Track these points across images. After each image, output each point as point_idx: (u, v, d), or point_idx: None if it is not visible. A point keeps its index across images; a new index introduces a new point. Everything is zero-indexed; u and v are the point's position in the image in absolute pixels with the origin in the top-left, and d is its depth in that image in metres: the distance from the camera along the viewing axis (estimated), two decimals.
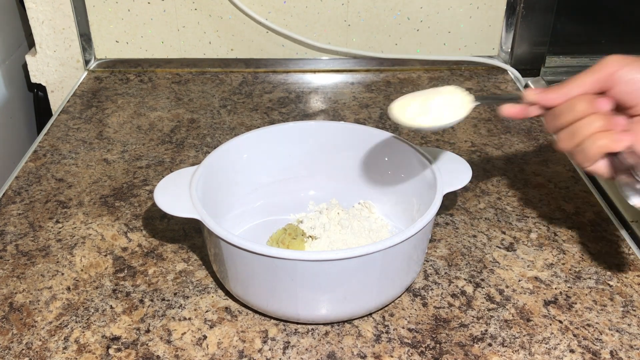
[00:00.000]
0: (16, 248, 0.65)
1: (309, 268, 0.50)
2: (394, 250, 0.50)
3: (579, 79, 0.48)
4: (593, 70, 0.47)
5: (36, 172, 0.78)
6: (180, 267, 0.62)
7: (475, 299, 0.58)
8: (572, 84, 0.48)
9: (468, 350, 0.53)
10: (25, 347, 0.53)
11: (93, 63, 1.05)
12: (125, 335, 0.54)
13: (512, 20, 1.03)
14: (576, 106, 0.48)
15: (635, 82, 0.45)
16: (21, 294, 0.59)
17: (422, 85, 1.01)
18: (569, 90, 0.48)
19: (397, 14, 1.02)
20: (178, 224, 0.68)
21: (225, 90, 0.99)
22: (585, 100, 0.47)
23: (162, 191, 0.56)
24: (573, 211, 0.70)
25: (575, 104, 0.48)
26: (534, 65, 1.06)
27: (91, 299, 0.58)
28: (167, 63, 1.05)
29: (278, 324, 0.56)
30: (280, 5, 1.01)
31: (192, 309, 0.57)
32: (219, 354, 0.53)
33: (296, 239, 0.62)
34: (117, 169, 0.78)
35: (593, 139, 0.47)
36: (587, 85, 0.48)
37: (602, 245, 0.65)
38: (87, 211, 0.70)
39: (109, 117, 0.91)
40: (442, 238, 0.66)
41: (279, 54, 1.05)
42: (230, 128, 0.88)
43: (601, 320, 0.56)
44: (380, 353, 0.53)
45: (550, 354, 0.53)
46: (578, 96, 0.48)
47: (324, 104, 0.95)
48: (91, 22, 1.01)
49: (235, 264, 0.53)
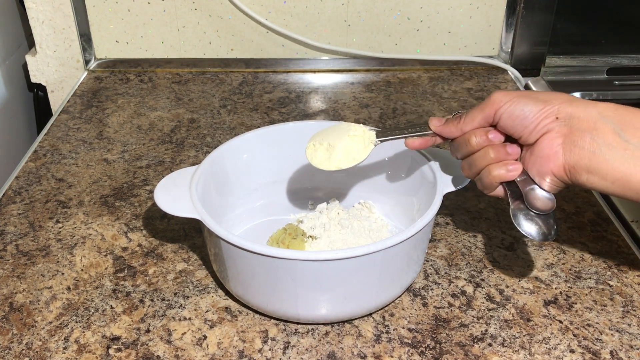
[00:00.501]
0: (16, 248, 0.65)
1: (309, 268, 0.50)
2: (394, 250, 0.50)
3: (470, 115, 0.52)
4: (482, 107, 0.51)
5: (36, 172, 0.78)
6: (180, 267, 0.62)
7: (475, 298, 0.58)
8: (466, 119, 0.52)
9: (468, 350, 0.53)
10: (25, 347, 0.53)
11: (93, 63, 1.05)
12: (125, 335, 0.54)
13: (512, 20, 1.03)
14: (470, 140, 0.52)
15: (514, 117, 0.50)
16: (21, 294, 0.59)
17: (422, 85, 1.01)
18: (463, 126, 0.53)
19: (397, 14, 1.02)
20: (178, 224, 0.68)
21: (225, 90, 0.99)
22: (478, 134, 0.52)
23: (162, 191, 0.56)
24: (573, 211, 0.70)
25: (470, 138, 0.52)
26: (534, 65, 1.06)
27: (91, 299, 0.58)
28: (167, 63, 1.05)
29: (278, 324, 0.56)
30: (280, 5, 1.01)
31: (192, 309, 0.57)
32: (219, 354, 0.53)
33: (296, 239, 0.62)
34: (117, 169, 0.78)
35: (488, 169, 0.51)
36: (477, 121, 0.52)
37: (602, 245, 0.65)
38: (87, 211, 0.70)
39: (109, 117, 0.91)
40: (442, 238, 0.66)
41: (279, 54, 1.05)
42: (230, 128, 0.88)
43: (601, 320, 0.56)
44: (380, 353, 0.53)
45: (550, 354, 0.53)
46: (472, 131, 0.52)
47: (324, 104, 0.95)
48: (91, 22, 1.01)
49: (235, 264, 0.53)
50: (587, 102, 0.49)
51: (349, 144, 0.54)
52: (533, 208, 0.51)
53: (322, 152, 0.54)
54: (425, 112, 0.93)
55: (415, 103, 0.95)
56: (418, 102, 0.96)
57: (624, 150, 0.46)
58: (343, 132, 0.54)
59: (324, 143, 0.54)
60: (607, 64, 1.06)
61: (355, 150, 0.55)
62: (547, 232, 0.51)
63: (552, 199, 0.51)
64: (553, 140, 0.49)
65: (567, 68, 1.06)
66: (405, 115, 0.91)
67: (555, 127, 0.49)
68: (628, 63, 1.06)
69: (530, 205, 0.51)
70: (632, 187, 0.47)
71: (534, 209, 0.51)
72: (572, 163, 0.48)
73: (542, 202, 0.51)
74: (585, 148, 0.47)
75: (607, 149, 0.47)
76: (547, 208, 0.51)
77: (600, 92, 1.03)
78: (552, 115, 0.49)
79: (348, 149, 0.54)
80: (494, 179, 0.51)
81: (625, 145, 0.46)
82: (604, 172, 0.47)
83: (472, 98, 0.97)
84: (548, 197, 0.51)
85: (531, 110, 0.49)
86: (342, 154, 0.54)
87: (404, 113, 0.92)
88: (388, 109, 0.94)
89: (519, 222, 0.51)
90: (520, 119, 0.50)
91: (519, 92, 0.51)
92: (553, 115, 0.49)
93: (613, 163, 0.46)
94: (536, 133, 0.49)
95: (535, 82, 1.04)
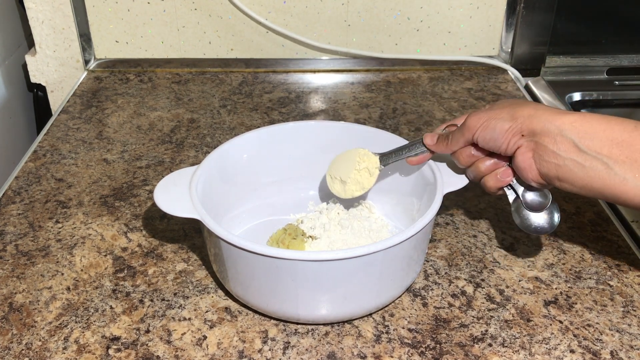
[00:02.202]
0: (16, 248, 0.65)
1: (309, 268, 0.50)
2: (394, 250, 0.50)
3: (455, 137, 0.57)
4: (462, 131, 0.56)
5: (36, 172, 0.78)
6: (180, 267, 0.62)
7: (475, 299, 0.58)
8: (452, 141, 0.58)
9: (468, 351, 0.53)
10: (25, 347, 0.53)
11: (93, 63, 1.05)
12: (125, 335, 0.54)
13: (512, 20, 1.03)
14: (459, 158, 0.58)
15: (487, 140, 0.54)
16: (21, 294, 0.59)
17: (422, 85, 1.01)
18: (451, 146, 0.58)
19: (397, 14, 1.02)
20: (178, 224, 0.68)
21: (225, 90, 0.99)
22: (464, 153, 0.58)
23: (162, 191, 0.56)
24: (573, 211, 0.70)
25: (458, 156, 0.58)
26: (534, 65, 1.06)
27: (91, 299, 0.58)
28: (167, 63, 1.05)
29: (278, 324, 0.56)
30: (280, 5, 1.01)
31: (192, 309, 0.57)
32: (219, 354, 0.53)
33: (296, 239, 0.62)
34: (117, 169, 0.78)
35: (484, 181, 0.58)
36: (461, 143, 0.57)
37: (602, 245, 0.65)
38: (87, 211, 0.70)
39: (109, 117, 0.91)
40: (442, 238, 0.66)
41: (279, 54, 1.05)
42: (230, 128, 0.88)
43: (601, 320, 0.56)
44: (380, 353, 0.53)
45: (550, 354, 0.53)
46: (459, 150, 0.58)
47: (324, 104, 0.95)
48: (91, 22, 1.01)
49: (235, 264, 0.53)
50: (548, 116, 0.52)
51: (357, 176, 0.62)
52: (528, 207, 0.57)
53: (337, 184, 0.63)
54: (425, 112, 0.93)
55: (415, 103, 0.95)
56: (418, 102, 0.96)
57: (583, 160, 0.50)
58: (351, 166, 0.62)
59: (337, 177, 0.63)
60: (607, 64, 1.06)
61: (364, 180, 0.62)
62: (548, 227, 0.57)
63: (546, 196, 0.57)
64: (525, 155, 0.53)
65: (567, 68, 1.06)
66: (405, 115, 0.91)
67: (523, 142, 0.53)
68: (628, 63, 1.06)
69: (526, 205, 0.57)
70: (596, 192, 0.51)
71: (529, 208, 0.57)
72: (544, 173, 0.53)
73: (535, 201, 0.57)
74: (551, 161, 0.52)
75: (569, 161, 0.51)
76: (542, 206, 0.57)
77: (600, 92, 1.03)
78: (518, 133, 0.53)
79: (357, 180, 0.62)
80: (490, 188, 0.58)
81: (584, 156, 0.50)
82: (571, 180, 0.51)
83: (472, 98, 0.97)
84: (540, 196, 0.57)
85: (500, 132, 0.53)
86: (353, 186, 0.62)
87: (404, 113, 0.92)
88: (388, 109, 0.94)
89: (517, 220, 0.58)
90: (493, 141, 0.54)
91: (489, 114, 0.54)
92: (519, 133, 0.53)
93: (577, 173, 0.51)
94: (510, 149, 0.54)
95: (535, 82, 1.04)
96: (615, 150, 0.49)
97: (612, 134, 0.49)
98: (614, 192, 0.49)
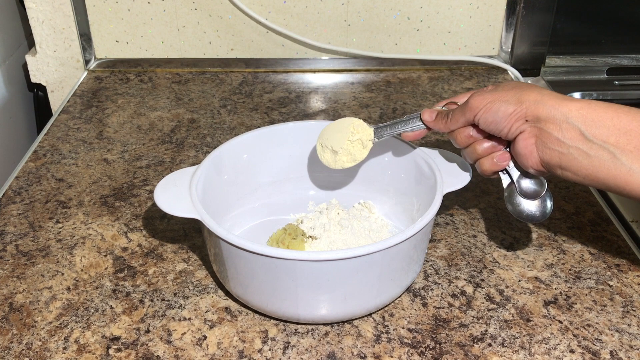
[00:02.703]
0: (16, 248, 0.65)
1: (309, 268, 0.50)
2: (394, 250, 0.50)
3: (455, 116, 0.56)
4: (463, 110, 0.55)
5: (36, 172, 0.78)
6: (180, 267, 0.62)
7: (475, 299, 0.58)
8: (451, 119, 0.56)
9: (468, 351, 0.53)
10: (25, 347, 0.53)
11: (93, 63, 1.05)
12: (125, 335, 0.54)
13: (512, 20, 1.03)
14: (457, 138, 0.57)
15: (489, 122, 0.53)
16: (21, 294, 0.59)
17: (422, 85, 1.01)
18: (450, 125, 0.57)
19: (397, 14, 1.02)
20: (178, 224, 0.68)
21: (225, 90, 0.99)
22: (462, 133, 0.56)
23: (162, 191, 0.56)
24: (573, 211, 0.70)
25: (456, 136, 0.57)
26: (534, 65, 1.06)
27: (91, 299, 0.58)
28: (167, 63, 1.05)
29: (278, 324, 0.56)
30: (280, 5, 1.01)
31: (192, 309, 0.57)
32: (219, 354, 0.53)
33: (296, 239, 0.62)
34: (117, 169, 0.78)
35: (479, 163, 0.57)
36: (460, 123, 0.56)
37: (602, 245, 0.65)
38: (87, 211, 0.70)
39: (109, 117, 0.91)
40: (442, 238, 0.66)
41: (279, 54, 1.05)
42: (230, 128, 0.88)
43: (601, 320, 0.56)
44: (380, 353, 0.53)
45: (550, 354, 0.53)
46: (457, 130, 0.57)
47: (324, 104, 0.95)
48: (91, 22, 1.01)
49: (235, 264, 0.53)
50: (554, 102, 0.50)
51: (349, 147, 0.60)
52: (523, 194, 0.56)
53: (328, 154, 0.61)
54: None
55: (415, 103, 0.95)
56: (418, 102, 0.96)
57: (589, 149, 0.49)
58: (344, 137, 0.60)
59: (329, 146, 0.61)
60: (607, 64, 1.06)
61: (356, 152, 0.60)
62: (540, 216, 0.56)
63: (541, 184, 0.56)
64: (527, 140, 0.52)
65: (567, 68, 1.06)
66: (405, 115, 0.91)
67: (526, 128, 0.52)
68: (628, 63, 1.06)
69: (520, 191, 0.56)
70: (600, 182, 0.50)
71: (523, 195, 0.56)
72: (546, 160, 0.52)
73: (530, 188, 0.56)
74: (555, 149, 0.50)
75: (574, 149, 0.50)
76: (536, 194, 0.56)
77: (600, 92, 1.03)
78: (522, 118, 0.52)
79: (349, 151, 0.60)
80: (485, 172, 0.57)
81: (589, 145, 0.49)
82: (574, 169, 0.50)
83: None
84: (536, 183, 0.56)
85: (503, 115, 0.52)
86: (344, 157, 0.60)
87: (404, 113, 0.92)
88: (388, 109, 0.94)
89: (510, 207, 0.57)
90: (495, 124, 0.53)
91: (493, 96, 0.53)
92: (523, 118, 0.52)
93: (581, 162, 0.50)
94: (511, 134, 0.53)
95: (535, 82, 1.04)
96: (623, 139, 0.48)
97: (620, 123, 0.48)
98: (619, 183, 0.48)
